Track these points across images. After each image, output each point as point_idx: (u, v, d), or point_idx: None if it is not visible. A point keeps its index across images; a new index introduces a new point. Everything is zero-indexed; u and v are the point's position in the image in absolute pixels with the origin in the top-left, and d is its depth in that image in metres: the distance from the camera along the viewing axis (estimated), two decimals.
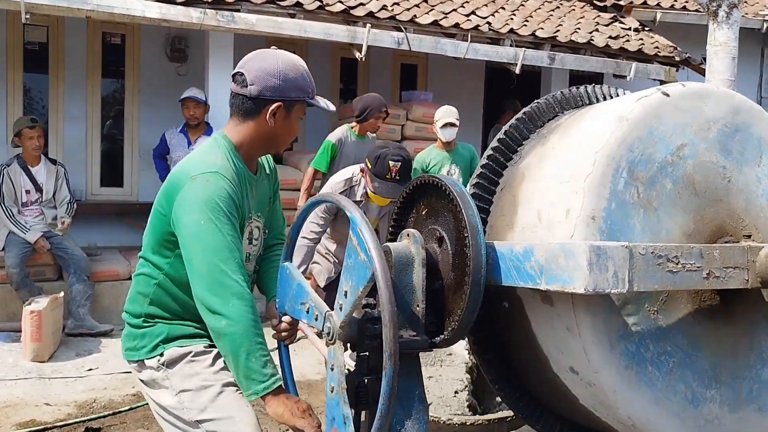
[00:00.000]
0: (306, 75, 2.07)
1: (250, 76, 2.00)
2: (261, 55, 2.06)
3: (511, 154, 1.99)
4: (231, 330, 1.83)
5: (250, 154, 2.10)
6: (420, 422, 1.71)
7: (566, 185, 1.68)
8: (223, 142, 2.06)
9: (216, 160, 2.00)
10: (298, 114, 2.08)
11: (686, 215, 1.73)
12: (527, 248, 1.62)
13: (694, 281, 1.60)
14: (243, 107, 2.03)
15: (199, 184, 1.92)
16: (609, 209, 1.63)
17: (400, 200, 1.96)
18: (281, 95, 2.01)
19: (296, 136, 2.21)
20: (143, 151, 7.28)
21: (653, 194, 1.69)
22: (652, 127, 1.71)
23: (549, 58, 7.17)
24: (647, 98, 1.75)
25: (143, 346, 2.08)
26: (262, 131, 2.05)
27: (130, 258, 6.18)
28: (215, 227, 1.87)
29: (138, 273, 2.14)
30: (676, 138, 1.74)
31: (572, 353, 1.71)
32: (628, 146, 1.68)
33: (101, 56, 7.33)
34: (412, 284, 1.75)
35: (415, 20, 6.59)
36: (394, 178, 3.68)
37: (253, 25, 5.80)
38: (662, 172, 1.71)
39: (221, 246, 1.87)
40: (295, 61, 2.08)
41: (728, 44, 6.27)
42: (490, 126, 8.51)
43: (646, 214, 1.67)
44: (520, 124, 2.03)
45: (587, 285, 1.45)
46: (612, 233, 1.62)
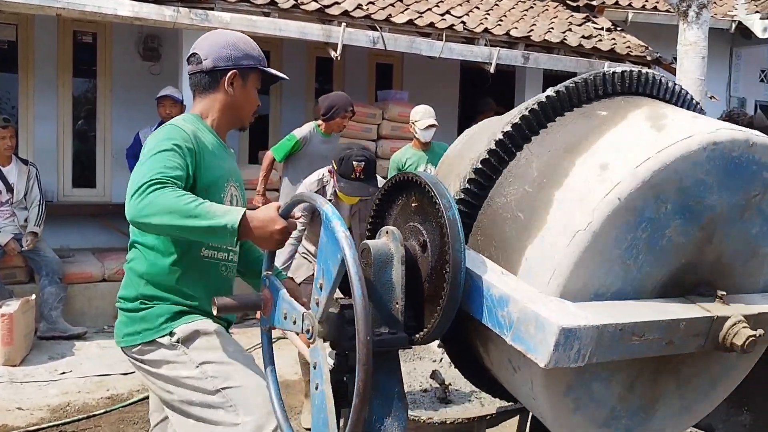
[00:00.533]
0: (255, 46, 2.24)
1: (203, 53, 2.17)
2: (210, 35, 2.26)
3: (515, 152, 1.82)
4: (159, 217, 1.81)
5: (216, 125, 2.21)
6: (400, 419, 1.71)
7: (559, 237, 1.60)
8: (187, 117, 2.22)
9: (176, 119, 2.15)
10: (254, 83, 2.22)
11: (666, 268, 1.68)
12: (503, 296, 1.57)
13: (652, 349, 1.60)
14: (201, 83, 2.19)
15: (154, 134, 2.07)
16: (592, 264, 1.57)
17: (380, 195, 1.95)
18: (235, 63, 2.16)
19: (257, 108, 2.32)
20: (116, 152, 7.18)
21: (642, 252, 1.62)
22: (658, 188, 1.59)
23: (523, 57, 7.23)
24: (665, 151, 1.58)
25: (146, 329, 2.08)
26: (223, 101, 2.19)
27: (104, 260, 6.10)
28: (163, 151, 1.95)
29: (130, 260, 2.17)
30: (686, 197, 1.62)
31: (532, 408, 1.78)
32: (633, 208, 1.57)
33: (72, 55, 7.22)
34: (391, 281, 1.74)
35: (390, 19, 6.60)
36: (359, 177, 3.87)
37: (227, 23, 5.76)
38: (659, 231, 1.62)
39: (163, 158, 1.93)
40: (242, 35, 2.26)
41: (698, 44, 6.39)
42: (466, 125, 8.53)
43: (626, 274, 1.62)
44: (529, 119, 1.82)
45: (549, 362, 1.46)
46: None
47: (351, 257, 1.53)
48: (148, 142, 2.05)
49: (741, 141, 1.66)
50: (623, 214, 1.56)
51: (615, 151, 1.67)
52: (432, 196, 1.71)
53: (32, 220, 5.58)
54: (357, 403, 1.48)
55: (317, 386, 1.64)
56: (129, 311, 2.12)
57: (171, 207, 1.80)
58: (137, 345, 2.10)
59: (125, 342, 2.13)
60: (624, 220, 1.57)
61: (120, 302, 2.16)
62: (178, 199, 1.82)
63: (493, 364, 1.87)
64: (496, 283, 1.61)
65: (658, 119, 1.74)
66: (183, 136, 2.04)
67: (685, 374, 1.84)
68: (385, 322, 1.72)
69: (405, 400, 1.75)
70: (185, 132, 2.06)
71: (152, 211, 1.81)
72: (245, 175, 6.65)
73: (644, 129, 1.72)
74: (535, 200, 1.71)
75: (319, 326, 1.65)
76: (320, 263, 1.66)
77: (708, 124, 1.70)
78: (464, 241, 1.66)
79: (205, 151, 2.09)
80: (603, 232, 1.56)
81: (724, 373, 1.93)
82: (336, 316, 1.68)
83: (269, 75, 2.26)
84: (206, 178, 2.08)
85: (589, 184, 1.62)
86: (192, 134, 2.07)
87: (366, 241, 1.80)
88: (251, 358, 2.17)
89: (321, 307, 1.65)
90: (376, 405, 1.68)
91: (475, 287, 1.65)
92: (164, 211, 1.81)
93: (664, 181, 1.58)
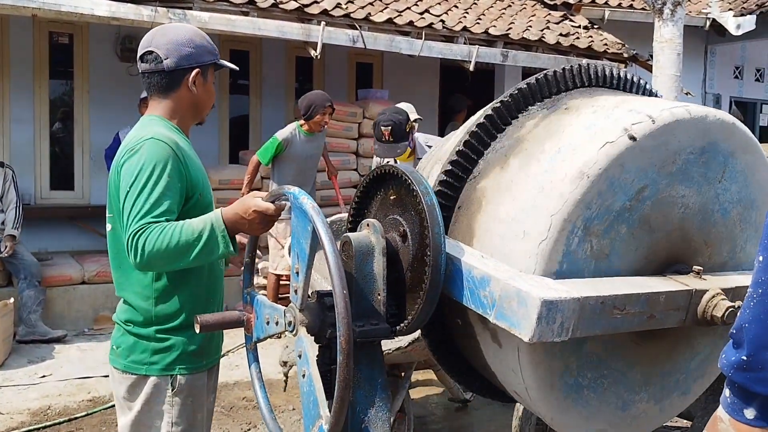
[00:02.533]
0: (208, 38, 2.19)
1: (161, 52, 2.06)
2: (163, 31, 2.13)
3: (478, 158, 1.87)
4: (159, 265, 1.88)
5: (183, 126, 2.16)
6: (383, 410, 1.72)
7: (520, 243, 1.64)
8: (154, 119, 2.10)
9: (153, 130, 2.01)
10: (212, 77, 2.18)
11: (637, 253, 1.72)
12: (485, 276, 1.59)
13: (634, 323, 1.63)
14: (161, 84, 2.09)
15: (138, 153, 1.95)
16: (560, 270, 1.61)
17: (360, 190, 1.96)
18: (197, 61, 2.10)
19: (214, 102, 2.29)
20: (95, 153, 7.11)
21: (606, 242, 1.66)
22: (613, 178, 1.63)
23: (502, 55, 7.27)
24: (612, 145, 1.62)
25: (154, 363, 2.02)
26: (187, 101, 2.12)
27: (83, 262, 6.03)
28: (151, 184, 1.90)
29: (126, 282, 2.07)
30: (637, 182, 1.66)
31: (516, 387, 1.80)
32: (586, 204, 1.61)
33: (48, 56, 7.14)
34: (372, 273, 1.76)
35: (369, 18, 6.61)
36: (388, 140, 4.57)
37: (205, 23, 5.73)
38: (618, 219, 1.66)
39: (153, 195, 1.89)
40: (195, 28, 2.20)
41: (674, 40, 6.48)
42: (446, 123, 8.58)
43: (596, 264, 1.66)
44: (493, 117, 1.88)
45: (533, 336, 1.48)
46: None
47: (320, 222, 1.54)
48: (134, 161, 1.93)
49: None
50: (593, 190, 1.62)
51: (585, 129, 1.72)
52: (410, 184, 1.72)
53: (9, 223, 5.51)
54: (339, 390, 1.49)
55: (304, 373, 1.64)
56: (141, 337, 2.03)
57: (163, 255, 1.84)
58: (132, 374, 2.03)
59: (125, 366, 2.04)
60: (595, 196, 1.62)
61: (128, 326, 2.05)
62: (163, 242, 1.83)
63: (478, 353, 1.89)
64: (476, 264, 1.63)
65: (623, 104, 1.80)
66: (168, 154, 1.94)
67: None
68: (367, 313, 1.73)
69: (388, 390, 1.76)
70: (167, 145, 1.96)
71: (150, 263, 1.86)
72: (226, 175, 6.72)
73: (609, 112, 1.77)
74: (512, 184, 1.74)
75: (300, 315, 1.66)
76: (294, 247, 1.67)
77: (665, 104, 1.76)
78: (443, 226, 1.68)
79: (186, 156, 2.03)
80: (577, 207, 1.61)
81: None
82: (316, 304, 1.69)
83: (222, 66, 2.23)
84: (195, 181, 2.05)
85: (555, 170, 1.67)
86: (173, 145, 1.98)
87: (347, 234, 1.80)
88: (209, 422, 2.21)
89: (300, 293, 1.65)
90: (359, 395, 1.69)
91: (456, 270, 1.68)
92: (160, 259, 1.85)
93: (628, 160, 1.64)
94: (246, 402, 4.42)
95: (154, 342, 2.02)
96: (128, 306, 2.07)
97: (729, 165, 1.80)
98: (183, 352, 2.03)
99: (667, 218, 1.74)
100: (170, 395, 2.02)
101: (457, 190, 1.86)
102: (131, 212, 1.88)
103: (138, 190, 1.89)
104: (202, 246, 1.86)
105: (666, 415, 1.96)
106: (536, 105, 1.91)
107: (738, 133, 1.80)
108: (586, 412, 1.78)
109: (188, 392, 2.05)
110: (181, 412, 2.03)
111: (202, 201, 2.06)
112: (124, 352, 2.05)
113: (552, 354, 1.68)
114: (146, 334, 2.03)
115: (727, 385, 1.05)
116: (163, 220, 1.87)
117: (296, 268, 1.66)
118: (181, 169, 1.98)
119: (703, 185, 1.78)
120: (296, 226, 1.67)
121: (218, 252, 1.89)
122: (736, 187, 1.83)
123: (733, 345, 1.04)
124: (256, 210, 1.89)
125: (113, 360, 2.09)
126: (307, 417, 1.64)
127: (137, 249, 1.84)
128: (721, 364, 1.05)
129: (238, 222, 1.91)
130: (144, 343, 2.03)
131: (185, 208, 2.00)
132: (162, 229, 1.85)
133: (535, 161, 1.73)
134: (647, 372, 1.84)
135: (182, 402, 2.04)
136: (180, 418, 2.03)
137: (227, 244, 1.88)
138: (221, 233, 1.88)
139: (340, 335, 1.46)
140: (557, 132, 1.76)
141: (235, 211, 1.91)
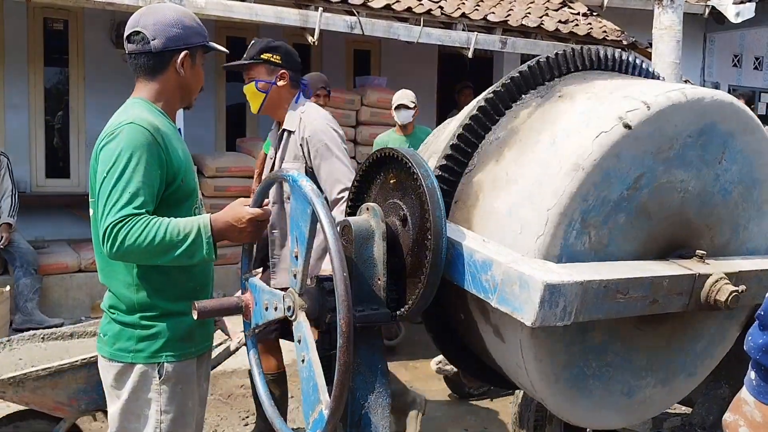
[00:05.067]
0: (197, 20, 2.13)
1: (149, 32, 2.01)
2: (150, 11, 2.07)
3: (473, 150, 1.84)
4: (134, 250, 1.83)
5: (168, 109, 2.10)
6: (383, 395, 1.70)
7: (518, 238, 1.62)
8: (137, 102, 2.05)
9: (134, 114, 1.96)
10: (200, 59, 2.12)
11: (637, 241, 1.70)
12: (486, 260, 1.57)
13: (637, 308, 1.61)
14: (148, 65, 2.04)
15: (117, 139, 1.91)
16: (560, 263, 1.59)
17: (359, 175, 1.93)
18: (185, 43, 2.04)
19: (203, 85, 2.22)
20: (90, 141, 7.05)
21: (605, 233, 1.64)
22: (609, 169, 1.60)
23: (501, 42, 7.23)
24: (607, 135, 1.59)
25: (140, 350, 1.99)
26: (174, 83, 2.07)
27: (80, 250, 6.01)
28: (129, 172, 1.86)
29: (110, 270, 2.05)
30: (634, 171, 1.64)
31: (521, 379, 1.80)
32: (583, 197, 1.59)
33: (43, 43, 7.07)
34: (372, 258, 1.73)
35: (367, 4, 6.55)
36: None
37: (202, 8, 5.67)
38: (616, 209, 1.64)
39: (130, 184, 1.85)
40: (184, 9, 2.16)
41: (673, 27, 6.43)
42: (444, 111, 8.55)
43: (596, 255, 1.65)
44: (487, 109, 1.85)
45: (535, 320, 1.46)
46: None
47: (320, 205, 1.52)
48: (112, 146, 1.90)
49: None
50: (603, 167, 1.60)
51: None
52: (410, 167, 1.70)
53: (5, 212, 5.48)
54: (340, 373, 1.47)
55: (303, 359, 1.62)
56: (124, 325, 2.01)
57: (143, 250, 1.82)
58: (119, 362, 2.00)
59: (111, 354, 2.01)
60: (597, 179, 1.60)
61: (114, 313, 2.03)
62: (147, 238, 1.81)
63: (477, 337, 1.88)
64: (478, 248, 1.61)
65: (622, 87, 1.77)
66: (146, 139, 1.90)
67: None
68: (367, 298, 1.71)
69: (388, 376, 1.75)
70: (146, 130, 1.91)
71: (125, 255, 1.85)
72: (221, 163, 6.68)
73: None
74: (508, 177, 1.71)
75: (299, 300, 1.64)
76: (293, 231, 1.65)
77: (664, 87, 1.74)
78: (444, 209, 1.65)
79: (168, 142, 1.98)
80: (573, 200, 1.58)
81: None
82: (315, 288, 1.67)
83: (212, 49, 2.17)
84: (177, 167, 2.00)
85: (551, 166, 1.64)
86: (153, 129, 1.93)
87: (347, 218, 1.78)
88: (202, 410, 2.20)
89: (299, 278, 1.63)
90: (359, 381, 1.67)
91: (457, 255, 1.65)
92: (137, 254, 1.83)
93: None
94: (244, 390, 4.40)
95: (139, 329, 1.99)
96: (112, 293, 2.05)
97: (729, 146, 1.78)
98: (169, 339, 2.00)
99: (666, 204, 1.72)
100: (157, 383, 1.99)
101: (452, 185, 1.84)
102: (108, 201, 1.84)
103: (115, 178, 1.86)
104: (184, 249, 1.84)
105: (674, 397, 1.95)
106: (530, 93, 1.88)
107: (737, 113, 1.77)
108: (592, 402, 1.77)
109: (177, 379, 2.02)
110: (170, 400, 2.00)
111: (184, 187, 2.01)
112: (110, 339, 2.02)
113: (555, 346, 1.66)
114: (131, 321, 2.00)
115: (753, 367, 1.02)
116: (143, 212, 1.84)
117: (295, 252, 1.64)
118: (161, 154, 1.93)
119: (702, 168, 1.75)
120: (295, 209, 1.64)
121: (198, 257, 1.87)
122: (736, 168, 1.82)
123: (759, 327, 1.01)
124: (251, 219, 1.87)
125: (100, 348, 2.06)
126: (307, 402, 1.62)
127: (116, 240, 1.81)
128: (748, 347, 1.03)
129: (228, 230, 1.89)
130: (129, 331, 2.00)
131: (166, 194, 1.96)
132: (146, 223, 1.82)
133: (530, 152, 1.70)
134: (651, 356, 1.82)
135: (171, 389, 2.01)
136: (169, 406, 2.00)
137: (210, 252, 1.86)
138: (207, 239, 1.86)
139: (340, 318, 1.44)
140: (552, 121, 1.73)
141: (225, 220, 1.89)
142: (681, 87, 1.71)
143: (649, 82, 1.87)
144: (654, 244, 1.74)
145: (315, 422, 1.58)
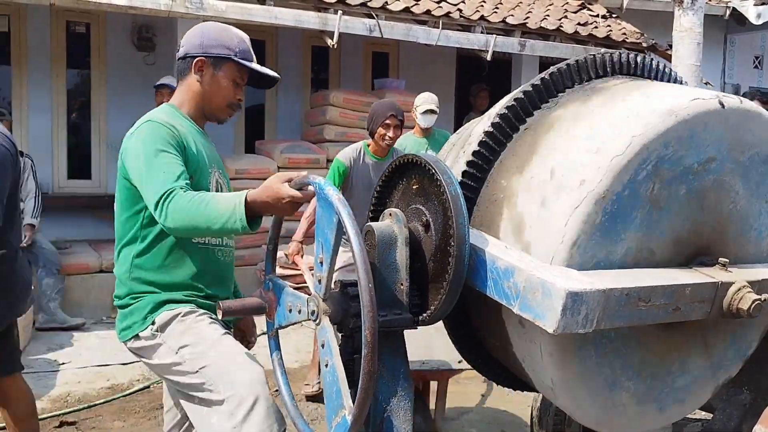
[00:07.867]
0: (235, 37, 2.20)
1: (182, 41, 2.24)
2: (198, 27, 2.28)
3: (549, 98, 1.89)
4: (184, 230, 1.93)
5: (194, 115, 2.23)
6: (405, 399, 1.72)
7: (592, 156, 1.64)
8: (163, 107, 2.23)
9: (153, 114, 2.14)
10: (228, 74, 2.18)
11: (684, 224, 1.72)
12: (509, 267, 1.59)
13: (659, 316, 1.62)
14: (178, 70, 2.24)
15: (137, 134, 2.07)
16: (621, 195, 1.61)
17: (382, 180, 1.95)
18: (204, 51, 2.17)
19: (235, 103, 2.24)
20: (111, 142, 7.15)
21: (665, 194, 1.67)
22: (695, 131, 1.66)
23: (519, 44, 7.22)
24: (703, 102, 1.68)
25: (134, 322, 2.11)
26: (193, 89, 2.20)
27: (101, 250, 6.08)
28: (157, 156, 1.99)
29: (117, 262, 2.19)
30: (711, 149, 1.70)
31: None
32: (666, 142, 1.63)
33: (66, 46, 7.17)
34: (395, 263, 1.75)
35: (386, 7, 6.57)
36: None
37: (222, 12, 5.72)
38: (683, 177, 1.68)
39: (162, 164, 1.97)
40: (226, 26, 2.26)
41: (693, 30, 6.38)
42: (462, 114, 8.54)
43: (650, 210, 1.66)
44: (567, 72, 1.91)
45: (557, 327, 1.47)
46: (613, 218, 1.62)
47: (346, 214, 1.54)
48: (134, 142, 2.06)
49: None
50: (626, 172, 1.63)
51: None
52: (433, 173, 1.71)
53: (29, 213, 5.55)
54: (364, 382, 1.49)
55: (327, 363, 1.64)
56: (122, 308, 2.16)
57: (188, 219, 1.90)
58: (130, 339, 2.13)
59: (121, 337, 2.17)
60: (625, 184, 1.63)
61: (115, 300, 2.21)
62: (191, 208, 1.89)
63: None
64: (501, 255, 1.62)
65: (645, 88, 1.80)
66: (167, 132, 2.05)
67: None
68: (389, 303, 1.73)
69: (411, 380, 1.76)
70: (164, 126, 2.06)
71: (175, 225, 1.92)
72: (240, 165, 6.72)
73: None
74: (599, 107, 1.76)
75: (324, 305, 1.66)
76: (318, 237, 1.67)
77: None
78: (467, 216, 1.67)
79: (186, 139, 2.10)
80: (658, 139, 1.64)
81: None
82: (339, 294, 1.69)
83: (251, 70, 2.20)
84: (193, 166, 2.10)
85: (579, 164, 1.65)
86: (170, 126, 2.07)
87: (370, 223, 1.80)
88: (229, 334, 2.13)
89: (324, 283, 1.65)
90: (382, 385, 1.69)
91: (479, 261, 1.67)
92: (184, 224, 1.91)
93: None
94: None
95: (133, 304, 2.11)
96: (118, 281, 2.18)
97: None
98: (161, 300, 2.09)
99: (719, 206, 1.76)
100: (158, 336, 2.07)
101: (528, 113, 1.87)
102: (148, 185, 1.96)
103: (147, 163, 1.98)
104: (222, 224, 1.88)
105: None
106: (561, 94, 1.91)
107: None
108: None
109: (170, 322, 2.07)
110: (182, 336, 2.04)
111: (193, 183, 2.05)
112: (119, 327, 2.16)
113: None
114: (125, 303, 2.14)
115: None
116: (183, 184, 1.95)
117: (320, 258, 1.66)
118: (180, 143, 2.06)
119: (753, 195, 1.79)
120: (321, 216, 1.66)
121: (234, 231, 1.93)
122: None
123: None
124: (290, 201, 1.85)
125: (120, 339, 2.17)
126: (330, 407, 1.64)
127: (167, 212, 1.91)
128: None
129: (268, 207, 1.89)
130: (126, 310, 2.13)
131: None
132: (191, 198, 1.90)
133: (621, 101, 1.77)
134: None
135: (174, 328, 2.06)
136: (182, 339, 2.04)
137: (244, 227, 1.88)
138: (240, 217, 1.87)
139: (365, 328, 1.46)
140: (645, 86, 1.83)
141: (263, 199, 1.87)
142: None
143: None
144: (687, 239, 1.75)
145: (338, 426, 1.60)
